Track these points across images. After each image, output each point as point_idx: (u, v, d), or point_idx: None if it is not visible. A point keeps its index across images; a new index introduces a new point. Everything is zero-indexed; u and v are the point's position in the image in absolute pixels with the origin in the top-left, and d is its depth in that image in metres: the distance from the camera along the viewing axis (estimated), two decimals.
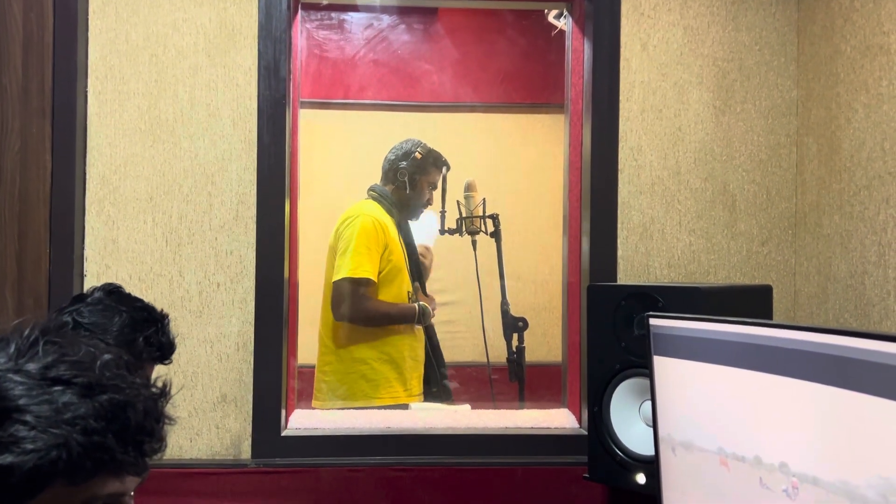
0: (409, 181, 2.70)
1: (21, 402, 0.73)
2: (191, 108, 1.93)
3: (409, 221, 2.77)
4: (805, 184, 2.02)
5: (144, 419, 0.77)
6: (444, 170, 2.79)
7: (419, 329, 2.68)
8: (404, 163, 2.71)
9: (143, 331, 1.33)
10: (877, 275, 1.71)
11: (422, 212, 2.78)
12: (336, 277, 2.55)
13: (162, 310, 1.40)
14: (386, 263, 2.59)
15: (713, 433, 1.29)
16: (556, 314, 2.36)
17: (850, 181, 1.81)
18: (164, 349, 1.36)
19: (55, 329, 0.81)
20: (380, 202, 2.69)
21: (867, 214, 1.75)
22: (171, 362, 1.40)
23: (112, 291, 1.38)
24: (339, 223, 2.63)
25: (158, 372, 1.89)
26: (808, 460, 1.10)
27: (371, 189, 2.73)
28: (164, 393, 0.83)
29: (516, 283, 3.06)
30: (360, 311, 2.56)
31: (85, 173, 1.91)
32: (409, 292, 2.68)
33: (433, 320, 2.76)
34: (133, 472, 0.78)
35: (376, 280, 2.57)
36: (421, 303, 2.65)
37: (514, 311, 2.68)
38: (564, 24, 2.26)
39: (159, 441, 0.80)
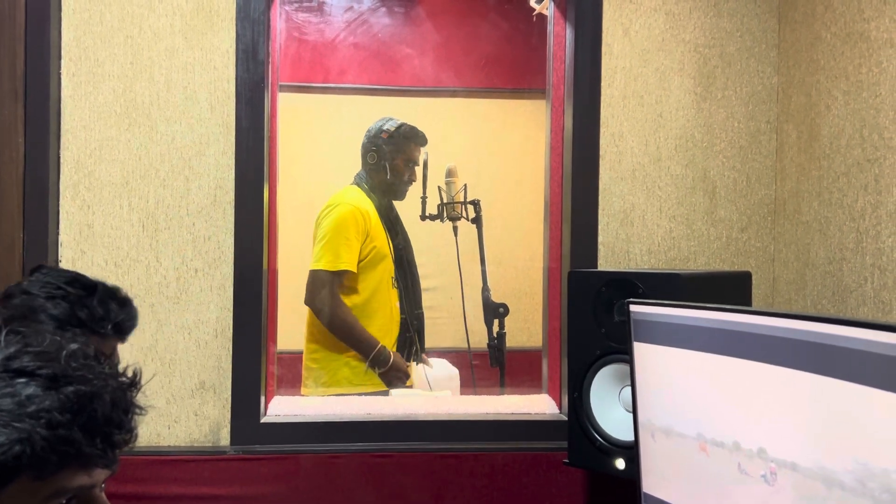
0: (383, 162, 2.65)
1: None
2: (167, 91, 1.90)
3: (395, 202, 2.73)
4: (784, 171, 2.03)
5: (112, 410, 0.75)
6: (422, 145, 2.71)
7: (398, 315, 2.66)
8: (375, 144, 2.66)
9: (81, 309, 1.20)
10: (854, 261, 1.72)
11: (405, 191, 2.72)
12: (312, 266, 2.53)
13: (102, 282, 1.26)
14: (368, 251, 2.57)
15: (692, 419, 1.29)
16: (537, 300, 2.36)
17: (829, 168, 1.82)
18: (104, 323, 1.23)
19: (19, 318, 0.78)
20: (361, 187, 2.66)
21: (845, 201, 1.76)
22: (124, 340, 1.28)
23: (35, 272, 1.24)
24: (320, 212, 2.60)
25: (132, 359, 1.87)
26: (787, 446, 1.11)
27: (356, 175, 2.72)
28: (135, 382, 0.81)
29: (497, 269, 3.05)
30: (328, 313, 2.53)
31: (59, 157, 1.87)
32: (392, 278, 2.65)
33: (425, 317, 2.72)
34: (102, 465, 0.76)
35: (355, 270, 2.55)
36: (386, 350, 2.56)
37: (495, 297, 2.68)
38: (543, 7, 2.24)
39: (129, 432, 0.78)
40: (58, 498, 0.74)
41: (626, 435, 1.62)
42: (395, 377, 2.58)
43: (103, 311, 1.23)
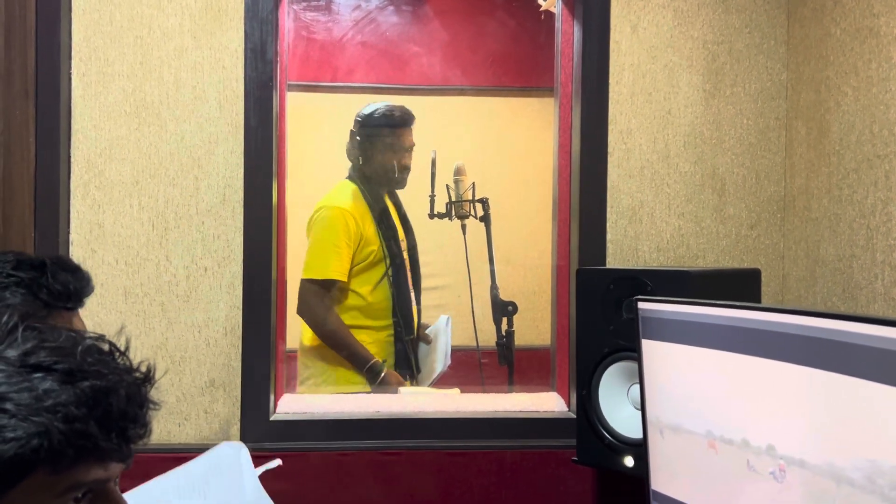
0: (363, 153, 2.54)
1: (0, 389, 0.72)
2: (176, 90, 1.91)
3: (396, 192, 2.66)
4: (794, 167, 2.02)
5: (127, 405, 0.76)
6: (400, 126, 2.57)
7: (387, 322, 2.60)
8: (351, 133, 2.56)
9: (40, 290, 1.16)
10: (864, 258, 1.72)
11: (401, 180, 2.59)
12: (302, 276, 2.47)
13: (45, 257, 1.21)
14: (366, 254, 2.51)
15: (701, 416, 1.29)
16: (546, 298, 2.36)
17: (839, 165, 1.82)
18: (66, 297, 1.18)
19: (34, 314, 0.79)
20: (353, 181, 2.59)
21: (855, 198, 1.75)
22: (80, 305, 1.22)
23: None
24: (311, 214, 2.53)
25: (142, 357, 1.88)
26: (796, 443, 1.10)
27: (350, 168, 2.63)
28: (149, 378, 0.82)
29: (506, 268, 3.06)
30: (321, 323, 2.47)
31: (69, 156, 1.88)
32: (389, 276, 2.56)
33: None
34: (117, 459, 0.77)
35: (345, 279, 2.48)
36: (380, 364, 2.49)
37: (504, 295, 2.67)
38: (550, 4, 2.24)
39: (143, 427, 0.79)
40: (73, 492, 0.75)
41: (634, 432, 1.62)
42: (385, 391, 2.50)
43: (61, 285, 1.19)
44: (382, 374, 2.49)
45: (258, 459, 1.89)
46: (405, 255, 2.70)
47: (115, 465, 0.78)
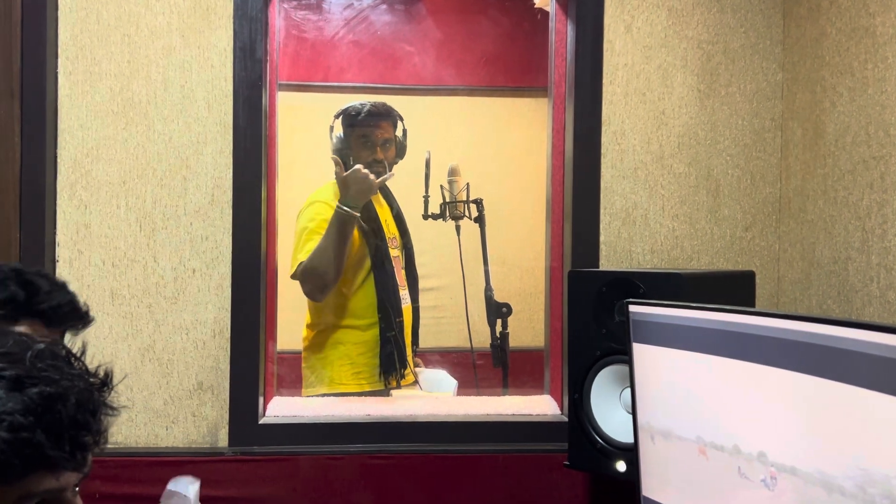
0: (341, 153, 2.50)
1: None
2: (164, 89, 1.88)
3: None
4: (789, 169, 2.00)
5: (77, 412, 0.73)
6: (372, 118, 2.52)
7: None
8: (330, 137, 2.54)
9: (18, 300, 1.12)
10: (860, 260, 1.69)
11: (378, 174, 2.48)
12: (298, 264, 2.35)
13: (33, 270, 1.18)
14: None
15: (692, 421, 1.27)
16: (541, 299, 2.34)
17: (835, 166, 1.79)
18: (48, 315, 1.15)
19: None
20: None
21: (851, 200, 1.73)
22: (68, 328, 1.20)
23: None
24: (298, 212, 2.48)
25: (130, 360, 1.85)
26: (787, 450, 1.08)
27: None
28: (106, 383, 0.79)
29: (501, 269, 3.03)
30: (310, 285, 2.32)
31: (56, 156, 1.86)
32: (369, 274, 2.49)
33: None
34: (70, 468, 0.74)
35: None
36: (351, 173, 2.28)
37: (499, 297, 2.65)
38: (544, 2, 2.22)
39: (97, 434, 0.76)
40: (25, 502, 0.73)
41: (626, 437, 1.60)
42: (359, 190, 2.29)
43: (50, 306, 1.16)
44: (350, 185, 2.30)
45: (247, 463, 1.87)
46: (399, 253, 2.67)
47: (68, 475, 0.75)
